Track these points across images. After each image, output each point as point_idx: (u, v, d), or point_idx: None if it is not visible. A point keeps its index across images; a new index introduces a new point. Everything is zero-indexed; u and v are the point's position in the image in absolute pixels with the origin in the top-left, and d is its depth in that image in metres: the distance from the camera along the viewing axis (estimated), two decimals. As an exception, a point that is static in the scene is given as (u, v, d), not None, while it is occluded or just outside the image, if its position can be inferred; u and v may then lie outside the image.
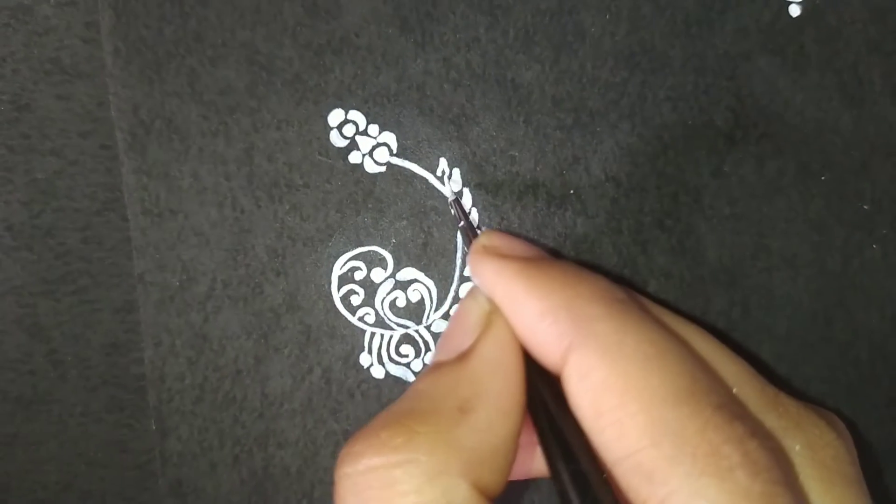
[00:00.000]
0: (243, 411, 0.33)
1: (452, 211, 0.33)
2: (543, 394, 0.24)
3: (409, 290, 0.33)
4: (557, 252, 0.33)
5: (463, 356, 0.24)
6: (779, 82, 0.33)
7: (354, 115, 0.33)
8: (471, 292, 0.26)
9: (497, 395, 0.23)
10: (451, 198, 0.32)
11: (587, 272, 0.26)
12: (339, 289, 0.33)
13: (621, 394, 0.21)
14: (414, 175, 0.33)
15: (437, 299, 0.33)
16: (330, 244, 0.33)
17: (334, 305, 0.33)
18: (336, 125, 0.33)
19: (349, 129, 0.33)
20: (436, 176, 0.33)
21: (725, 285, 0.33)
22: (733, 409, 0.21)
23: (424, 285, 0.33)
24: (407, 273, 0.33)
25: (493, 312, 0.25)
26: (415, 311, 0.33)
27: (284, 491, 0.33)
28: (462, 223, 0.32)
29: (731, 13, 0.33)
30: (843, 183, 0.33)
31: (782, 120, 0.33)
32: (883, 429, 0.34)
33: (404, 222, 0.33)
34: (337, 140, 0.33)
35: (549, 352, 0.23)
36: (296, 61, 0.33)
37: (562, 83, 0.33)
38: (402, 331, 0.33)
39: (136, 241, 0.33)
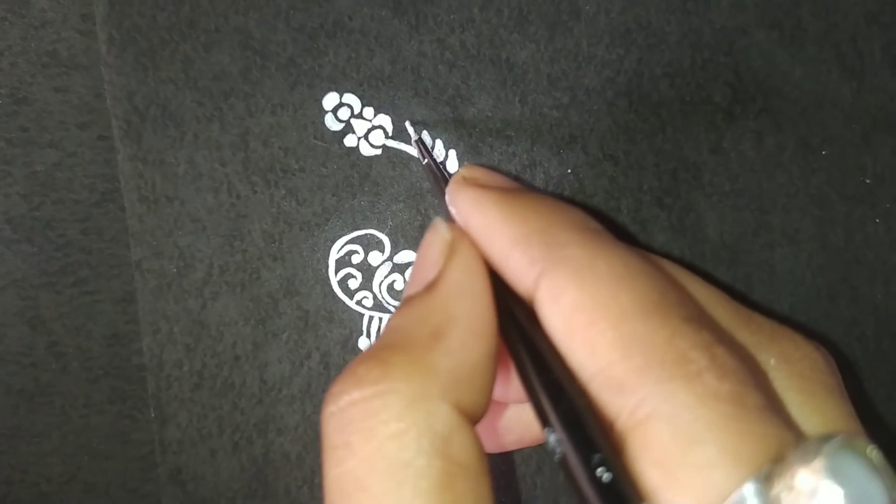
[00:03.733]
0: (242, 398, 0.32)
1: (415, 151, 0.32)
2: (517, 315, 0.23)
3: (407, 272, 0.32)
4: (539, 189, 0.32)
5: (430, 286, 0.24)
6: (777, 56, 0.32)
7: (349, 98, 0.32)
8: (432, 226, 0.26)
9: (468, 317, 0.23)
10: (413, 137, 0.32)
11: (563, 203, 0.26)
12: (336, 273, 0.32)
13: (591, 312, 0.21)
14: (410, 158, 0.32)
15: (436, 282, 0.32)
16: (326, 228, 0.32)
17: (332, 290, 0.32)
18: (331, 109, 0.32)
19: (344, 113, 0.32)
20: (397, 129, 0.32)
21: (727, 263, 0.32)
22: (702, 320, 0.21)
23: (422, 268, 0.32)
24: (404, 256, 0.32)
25: (457, 240, 0.25)
26: (413, 294, 0.32)
27: (284, 477, 0.32)
28: (426, 160, 0.31)
29: (726, -12, 0.32)
30: (844, 157, 0.32)
31: (781, 94, 0.32)
32: (891, 405, 0.32)
33: (401, 205, 0.32)
34: (332, 124, 0.32)
35: (522, 277, 0.23)
36: (289, 45, 0.32)
37: (557, 62, 0.32)
38: (401, 314, 0.32)
39: (133, 229, 0.32)
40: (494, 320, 0.23)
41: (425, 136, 0.32)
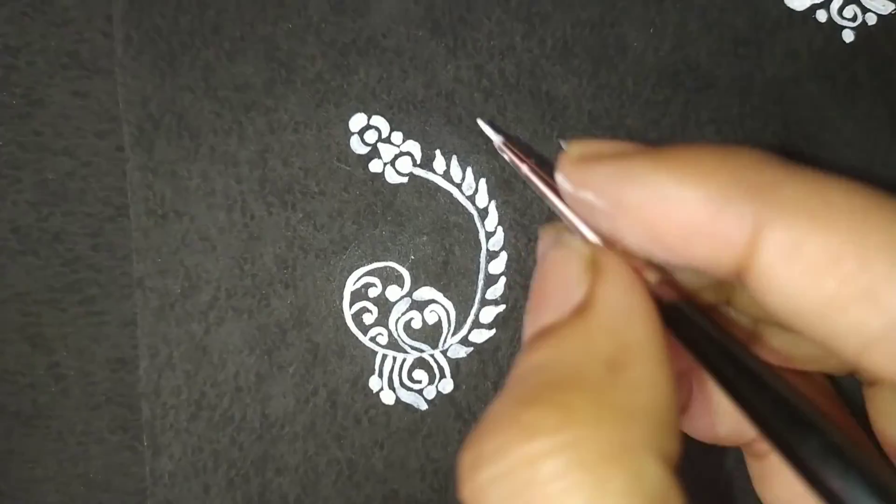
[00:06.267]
0: (241, 432, 0.29)
1: (506, 157, 0.27)
2: (706, 329, 0.18)
3: (426, 311, 0.29)
4: None
5: (580, 310, 0.18)
6: (828, 110, 0.29)
7: (377, 120, 0.29)
8: (556, 242, 0.20)
9: (643, 342, 0.17)
10: (498, 141, 0.27)
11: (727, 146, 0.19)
12: (350, 305, 0.29)
13: (859, 259, 0.15)
14: (437, 188, 0.29)
15: (456, 322, 0.29)
16: (344, 257, 0.29)
17: (345, 323, 0.29)
18: (357, 130, 0.29)
19: (371, 136, 0.29)
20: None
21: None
22: None
23: (442, 307, 0.29)
24: (424, 293, 0.29)
25: (600, 253, 0.19)
26: (430, 334, 0.29)
27: (280, 521, 0.28)
28: (525, 167, 0.25)
29: (781, 35, 0.29)
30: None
31: (830, 149, 0.29)
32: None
33: (425, 238, 0.29)
34: (357, 146, 0.29)
35: (724, 247, 0.17)
36: (318, 60, 0.29)
37: (600, 99, 0.29)
38: (416, 354, 0.29)
39: (138, 243, 0.29)
40: (665, 342, 0.18)
41: (454, 164, 0.29)
